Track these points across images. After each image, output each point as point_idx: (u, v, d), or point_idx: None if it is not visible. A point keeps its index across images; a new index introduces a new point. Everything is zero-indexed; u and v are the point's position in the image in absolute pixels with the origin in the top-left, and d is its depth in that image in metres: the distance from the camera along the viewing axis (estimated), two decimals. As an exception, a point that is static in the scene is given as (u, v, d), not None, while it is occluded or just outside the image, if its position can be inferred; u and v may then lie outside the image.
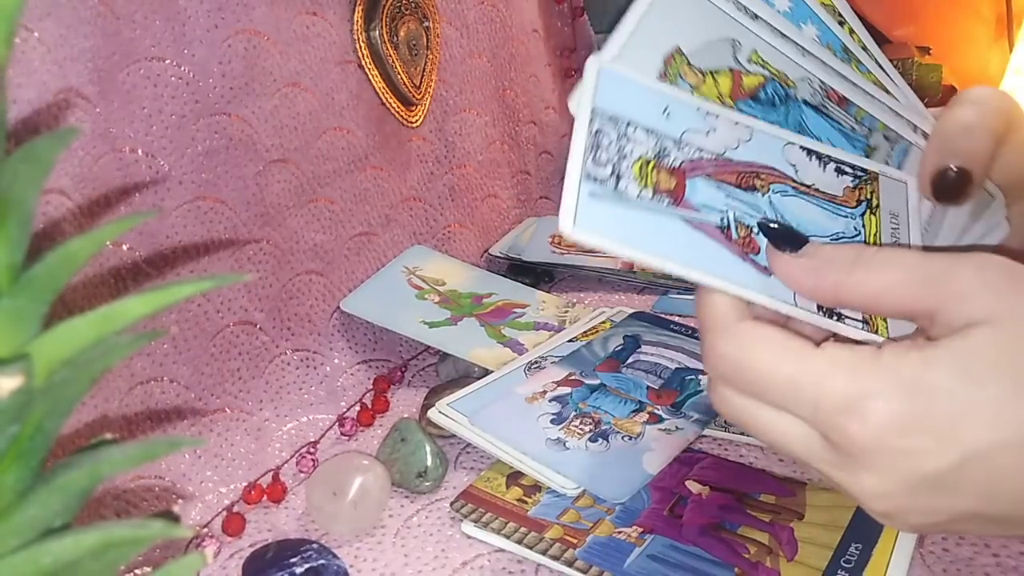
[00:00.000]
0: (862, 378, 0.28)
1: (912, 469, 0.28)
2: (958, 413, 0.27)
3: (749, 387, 0.31)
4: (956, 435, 0.27)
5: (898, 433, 0.28)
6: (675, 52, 0.34)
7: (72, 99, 0.46)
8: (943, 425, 0.27)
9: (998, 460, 0.27)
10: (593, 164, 0.31)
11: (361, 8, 0.67)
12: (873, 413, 0.28)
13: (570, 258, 0.80)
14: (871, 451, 0.28)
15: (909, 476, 0.28)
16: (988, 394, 0.27)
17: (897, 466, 0.28)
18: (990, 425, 0.27)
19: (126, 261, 0.50)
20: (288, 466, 0.56)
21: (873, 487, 0.29)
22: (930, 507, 0.29)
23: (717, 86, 0.35)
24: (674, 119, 0.33)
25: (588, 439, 0.53)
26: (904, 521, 0.30)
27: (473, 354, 0.63)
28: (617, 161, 0.31)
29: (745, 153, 0.34)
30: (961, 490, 0.28)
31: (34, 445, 0.20)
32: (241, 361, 0.58)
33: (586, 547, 0.46)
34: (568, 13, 0.99)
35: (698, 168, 0.33)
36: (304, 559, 0.45)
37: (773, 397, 0.30)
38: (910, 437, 0.28)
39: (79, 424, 0.46)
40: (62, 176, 0.45)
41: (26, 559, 0.19)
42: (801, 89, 0.37)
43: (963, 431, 0.27)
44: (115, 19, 0.49)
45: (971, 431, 0.27)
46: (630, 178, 0.31)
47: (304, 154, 0.62)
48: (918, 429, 0.28)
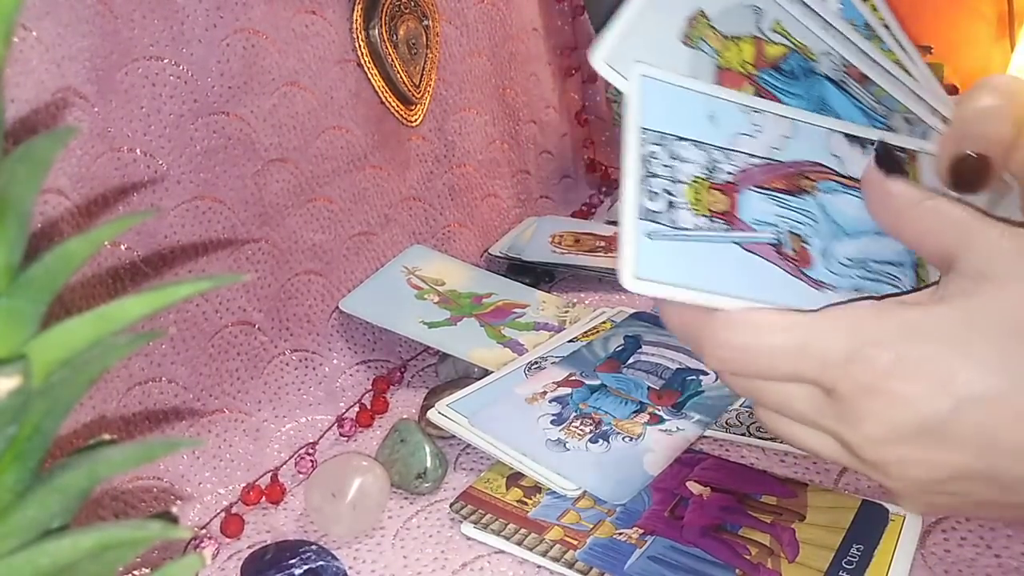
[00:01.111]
0: (864, 329, 0.29)
1: (907, 415, 0.28)
2: (954, 361, 0.28)
3: (758, 368, 0.31)
4: (951, 382, 0.28)
5: (897, 378, 0.28)
6: (697, 14, 0.34)
7: (70, 98, 0.46)
8: (939, 372, 0.28)
9: (992, 410, 0.28)
10: (647, 197, 0.31)
11: (360, 7, 0.67)
12: (875, 358, 0.29)
13: (570, 258, 0.80)
14: (871, 396, 0.29)
15: (905, 421, 0.29)
16: (986, 346, 0.28)
17: (894, 411, 0.29)
18: (985, 375, 0.28)
19: (124, 261, 0.50)
20: (287, 467, 0.56)
21: (871, 433, 0.29)
22: (927, 458, 0.29)
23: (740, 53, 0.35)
24: (720, 123, 0.33)
25: (588, 440, 0.53)
26: (904, 475, 0.30)
27: (473, 354, 0.63)
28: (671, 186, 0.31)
29: (791, 151, 0.34)
30: (956, 440, 0.28)
31: (32, 446, 0.20)
32: (240, 361, 0.58)
33: (586, 548, 0.45)
34: (568, 11, 0.99)
35: (748, 179, 0.33)
36: (303, 560, 0.45)
37: (782, 369, 0.30)
38: (908, 382, 0.28)
39: (77, 425, 0.45)
40: (60, 176, 0.45)
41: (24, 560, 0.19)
42: (822, 64, 0.36)
43: (958, 379, 0.28)
44: (113, 18, 0.49)
45: (965, 379, 0.28)
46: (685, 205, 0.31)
47: (303, 153, 0.62)
48: (916, 375, 0.28)
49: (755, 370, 0.31)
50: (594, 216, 0.95)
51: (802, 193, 0.34)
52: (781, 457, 0.52)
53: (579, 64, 1.01)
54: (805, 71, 0.36)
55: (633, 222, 0.31)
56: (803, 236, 0.33)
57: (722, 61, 0.34)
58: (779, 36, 0.36)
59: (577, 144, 1.00)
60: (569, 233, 0.84)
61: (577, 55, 1.01)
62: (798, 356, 0.30)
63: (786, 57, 0.36)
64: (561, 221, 0.89)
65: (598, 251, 0.81)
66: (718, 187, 0.32)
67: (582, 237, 0.84)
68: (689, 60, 0.34)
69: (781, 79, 0.35)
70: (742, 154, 0.33)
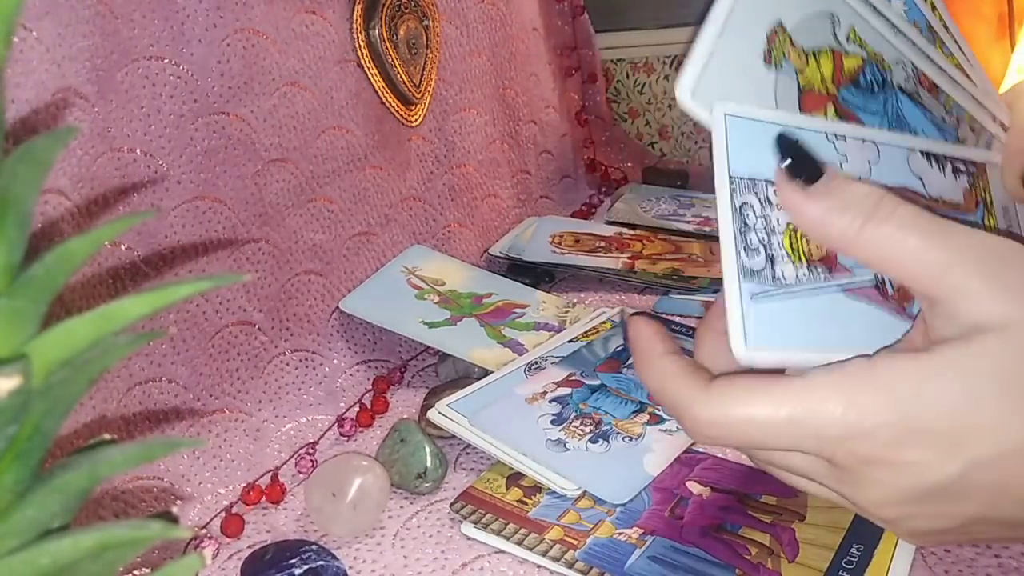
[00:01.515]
0: (858, 400, 0.28)
1: (916, 481, 0.28)
2: (959, 426, 0.27)
3: (749, 443, 0.30)
4: (958, 447, 0.27)
5: (899, 449, 0.27)
6: (777, 27, 0.32)
7: (70, 98, 0.46)
8: (945, 438, 0.27)
9: (1001, 469, 0.27)
10: (746, 254, 0.29)
11: (360, 7, 0.67)
12: (873, 434, 0.27)
13: (570, 258, 0.80)
14: (875, 467, 0.28)
15: (914, 488, 0.28)
16: (990, 407, 0.27)
17: (901, 479, 0.28)
18: (992, 437, 0.27)
19: (124, 261, 0.50)
20: (287, 467, 0.56)
21: (878, 498, 0.29)
22: (935, 513, 0.29)
23: (820, 68, 0.33)
24: None
25: (588, 440, 0.53)
26: (910, 526, 0.30)
27: (473, 354, 0.63)
28: (767, 239, 0.30)
29: (878, 176, 0.32)
30: (965, 498, 0.28)
31: (32, 446, 0.20)
32: (240, 361, 0.58)
33: (586, 548, 0.45)
34: (568, 11, 0.99)
35: None
36: (303, 560, 0.45)
37: (775, 443, 0.29)
38: (912, 451, 0.27)
39: (78, 424, 0.45)
40: (60, 176, 0.45)
41: (24, 560, 0.19)
42: (896, 74, 0.35)
43: (965, 443, 0.27)
44: (113, 18, 0.49)
45: (973, 443, 0.27)
46: (784, 258, 0.30)
47: (303, 153, 0.62)
48: (920, 443, 0.27)
49: (741, 444, 0.30)
50: (594, 216, 0.95)
51: None
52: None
53: (579, 64, 1.01)
54: (881, 83, 0.35)
55: (736, 285, 0.29)
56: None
57: (803, 80, 0.32)
58: (855, 46, 0.34)
59: (577, 144, 1.00)
60: (569, 233, 0.84)
61: (577, 55, 1.01)
62: (790, 429, 0.28)
63: (862, 70, 0.34)
64: (561, 221, 0.89)
65: (598, 251, 0.81)
66: None
67: (582, 237, 0.84)
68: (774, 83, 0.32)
69: (860, 96, 0.34)
70: None
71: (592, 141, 1.02)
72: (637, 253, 0.81)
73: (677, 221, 0.87)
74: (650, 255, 0.80)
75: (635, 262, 0.79)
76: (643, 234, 0.85)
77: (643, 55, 1.11)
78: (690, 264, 0.78)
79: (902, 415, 0.27)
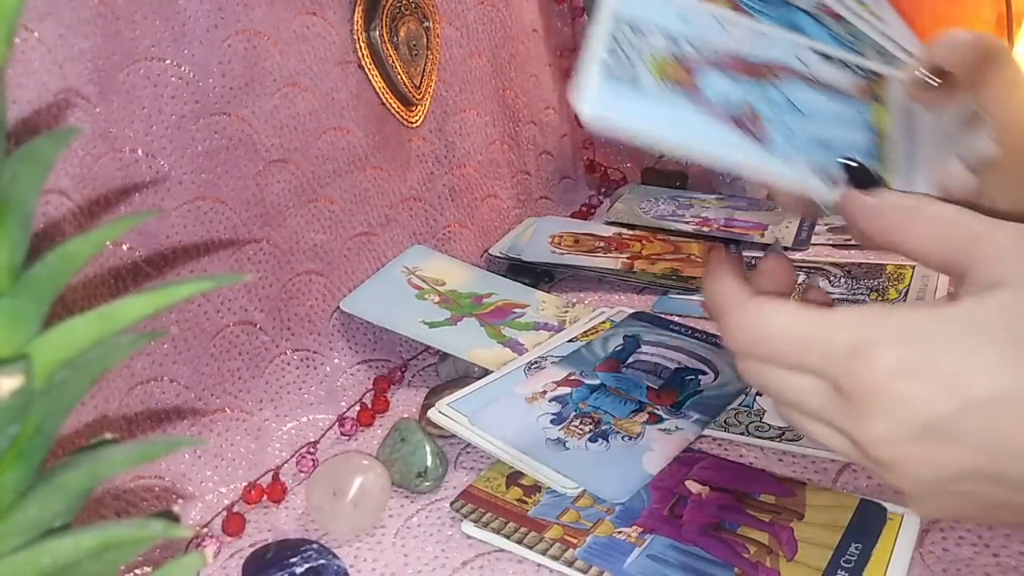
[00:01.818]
0: (870, 327, 0.30)
1: (913, 414, 0.29)
2: (959, 363, 0.28)
3: (767, 353, 0.32)
4: (956, 384, 0.28)
5: (901, 378, 0.29)
6: None
7: (72, 99, 0.46)
8: (944, 373, 0.28)
9: (997, 412, 0.28)
10: (609, 55, 0.31)
11: (361, 8, 0.67)
12: (878, 357, 0.29)
13: (570, 258, 0.80)
14: (876, 395, 0.29)
15: (910, 421, 0.29)
16: (992, 348, 0.28)
17: (899, 411, 0.29)
18: (991, 377, 0.28)
19: (126, 261, 0.50)
20: (288, 466, 0.56)
21: (877, 431, 0.30)
22: (932, 457, 0.29)
23: None
24: (691, 25, 0.34)
25: (588, 439, 0.53)
26: (910, 473, 0.30)
27: (473, 354, 0.63)
28: (633, 56, 0.32)
29: (760, 53, 0.35)
30: (961, 440, 0.29)
31: (34, 445, 0.20)
32: (241, 361, 0.58)
33: (586, 547, 0.46)
34: (568, 13, 0.99)
35: (712, 63, 0.34)
36: (304, 559, 0.45)
37: (788, 358, 0.31)
38: (912, 382, 0.29)
39: (79, 424, 0.46)
40: (62, 176, 0.45)
41: (26, 559, 0.19)
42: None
43: (963, 380, 0.28)
44: (115, 19, 0.49)
45: (970, 381, 0.28)
46: (645, 69, 0.32)
47: (304, 154, 0.62)
48: (920, 376, 0.29)
49: (760, 354, 0.32)
50: (594, 216, 0.95)
51: (764, 79, 0.34)
52: (780, 456, 0.52)
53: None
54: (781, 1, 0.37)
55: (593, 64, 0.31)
56: (761, 114, 0.34)
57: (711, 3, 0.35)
58: None
59: (577, 145, 1.00)
60: (569, 233, 0.84)
61: (577, 56, 1.01)
62: (804, 345, 0.31)
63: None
64: (561, 221, 0.89)
65: (597, 251, 0.81)
66: (682, 65, 0.33)
67: (582, 237, 0.84)
68: None
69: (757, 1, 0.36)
70: (709, 48, 0.34)
71: (592, 142, 1.02)
72: (636, 253, 0.81)
73: (676, 221, 0.87)
74: (649, 255, 0.81)
75: (634, 262, 0.79)
76: (642, 234, 0.85)
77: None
78: (689, 264, 0.79)
79: (907, 347, 0.29)
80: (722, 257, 0.36)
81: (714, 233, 0.84)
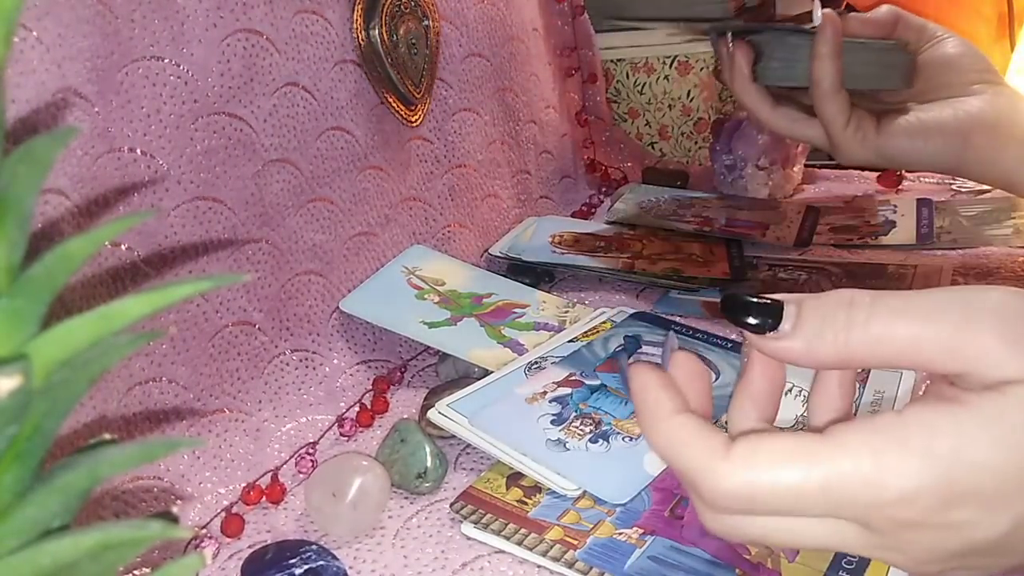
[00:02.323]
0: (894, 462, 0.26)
1: (964, 540, 0.27)
2: (1002, 482, 0.26)
3: (776, 510, 0.28)
4: (1005, 504, 0.27)
5: (944, 512, 0.27)
6: None
7: (70, 98, 0.46)
8: (990, 496, 0.27)
9: None
10: None
11: (360, 7, 0.67)
12: (915, 499, 0.26)
13: (570, 258, 0.80)
14: (917, 530, 0.27)
15: (962, 546, 0.28)
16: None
17: (948, 540, 0.27)
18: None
19: (125, 261, 0.50)
20: (287, 467, 0.56)
21: (921, 558, 0.28)
22: (980, 564, 0.29)
23: None
24: None
25: (588, 440, 0.53)
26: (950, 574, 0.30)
27: (473, 354, 0.63)
28: None
29: None
30: (1012, 551, 0.28)
31: (32, 446, 0.20)
32: (240, 361, 0.58)
33: (586, 548, 0.46)
34: (568, 11, 0.99)
35: None
36: (303, 560, 0.45)
37: (807, 511, 0.28)
38: (958, 512, 0.27)
39: (78, 424, 0.45)
40: (60, 176, 0.45)
41: (24, 560, 0.19)
42: None
43: (1011, 498, 0.27)
44: (114, 18, 0.49)
45: (1018, 497, 0.27)
46: None
47: (303, 154, 0.62)
48: (966, 503, 0.27)
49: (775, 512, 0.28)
50: (594, 216, 0.95)
51: None
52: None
53: (579, 64, 1.01)
54: None
55: None
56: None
57: None
58: None
59: (577, 144, 1.00)
60: (569, 233, 0.84)
61: (577, 55, 1.01)
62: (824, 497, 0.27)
63: None
64: (561, 221, 0.89)
65: (598, 251, 0.81)
66: None
67: (582, 237, 0.84)
68: None
69: None
70: None
71: (592, 141, 1.02)
72: (637, 253, 0.81)
73: (677, 221, 0.87)
74: (650, 255, 0.80)
75: (635, 262, 0.79)
76: (643, 234, 0.85)
77: (643, 55, 1.11)
78: (690, 264, 0.78)
79: (943, 477, 0.26)
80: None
81: (715, 233, 0.84)
